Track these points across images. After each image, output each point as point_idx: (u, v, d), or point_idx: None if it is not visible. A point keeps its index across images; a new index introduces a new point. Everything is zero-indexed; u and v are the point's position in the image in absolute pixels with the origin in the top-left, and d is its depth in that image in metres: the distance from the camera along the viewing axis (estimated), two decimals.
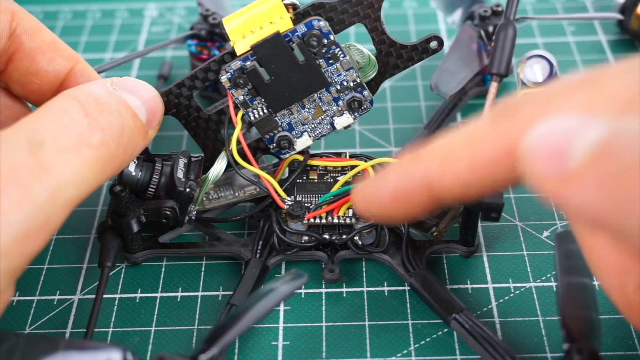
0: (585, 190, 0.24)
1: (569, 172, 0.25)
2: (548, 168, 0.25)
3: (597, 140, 0.24)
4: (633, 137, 0.24)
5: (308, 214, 0.39)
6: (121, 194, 0.38)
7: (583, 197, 0.25)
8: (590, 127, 0.25)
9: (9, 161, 0.29)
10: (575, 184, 0.25)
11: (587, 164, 0.24)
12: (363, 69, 0.39)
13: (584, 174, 0.24)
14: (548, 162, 0.25)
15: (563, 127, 0.25)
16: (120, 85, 0.35)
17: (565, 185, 0.25)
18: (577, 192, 0.25)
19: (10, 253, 0.29)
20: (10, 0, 0.37)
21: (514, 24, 0.39)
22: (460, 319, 0.36)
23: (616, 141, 0.24)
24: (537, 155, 0.26)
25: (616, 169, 0.24)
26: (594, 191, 0.24)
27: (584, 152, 0.24)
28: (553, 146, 0.25)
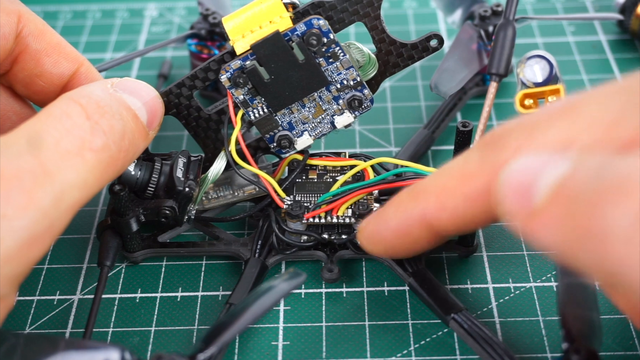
0: (546, 227, 0.25)
1: (532, 210, 0.26)
2: (515, 204, 0.26)
3: (558, 177, 0.25)
4: (590, 174, 0.24)
5: (307, 213, 0.39)
6: (120, 193, 0.38)
7: (546, 234, 0.25)
8: (555, 163, 0.25)
9: (13, 166, 0.29)
10: (538, 221, 0.25)
11: (548, 200, 0.25)
12: (363, 68, 0.39)
13: (545, 210, 0.25)
14: (515, 199, 0.26)
15: (531, 164, 0.26)
16: (120, 87, 0.35)
17: (531, 222, 0.26)
18: (541, 228, 0.25)
19: (14, 259, 0.29)
20: (17, 1, 0.37)
21: (514, 24, 0.39)
22: (459, 318, 0.36)
23: (574, 178, 0.25)
24: (507, 192, 0.27)
25: (573, 206, 0.24)
26: (554, 228, 0.25)
27: (545, 188, 0.25)
28: (520, 183, 0.26)
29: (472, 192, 0.30)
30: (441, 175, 0.32)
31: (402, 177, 0.40)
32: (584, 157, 0.25)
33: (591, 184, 0.24)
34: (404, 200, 0.33)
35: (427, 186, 0.32)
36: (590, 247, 0.24)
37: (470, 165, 0.30)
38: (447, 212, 0.31)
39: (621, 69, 0.53)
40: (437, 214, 0.31)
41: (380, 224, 0.34)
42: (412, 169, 0.40)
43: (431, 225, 0.32)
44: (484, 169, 0.29)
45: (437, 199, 0.31)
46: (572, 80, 0.52)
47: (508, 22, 0.38)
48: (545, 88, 0.37)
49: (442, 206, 0.31)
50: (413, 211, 0.32)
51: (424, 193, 0.32)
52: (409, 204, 0.33)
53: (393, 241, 0.34)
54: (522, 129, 0.29)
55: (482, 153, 0.30)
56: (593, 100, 0.28)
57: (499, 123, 0.49)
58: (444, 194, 0.31)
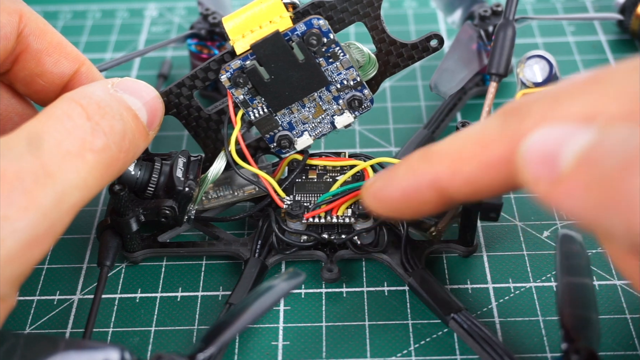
0: (572, 194, 0.25)
1: (558, 177, 0.26)
2: (540, 172, 0.26)
3: (584, 146, 0.25)
4: (617, 143, 0.25)
5: (307, 213, 0.39)
6: (120, 193, 0.38)
7: (571, 201, 0.25)
8: (581, 133, 0.26)
9: (13, 167, 0.29)
10: (563, 188, 0.26)
11: (574, 168, 0.25)
12: (363, 68, 0.39)
13: (571, 178, 0.25)
14: (540, 167, 0.26)
15: (556, 133, 0.26)
16: (121, 87, 0.35)
17: (555, 189, 0.26)
18: (566, 195, 0.25)
19: (15, 260, 0.29)
20: (19, 0, 0.37)
21: (514, 24, 0.39)
22: (459, 318, 0.36)
23: (601, 147, 0.25)
24: (531, 160, 0.27)
25: (599, 174, 0.24)
26: (580, 195, 0.25)
27: (572, 157, 0.25)
28: (545, 151, 0.26)
29: (490, 160, 0.29)
30: (458, 139, 0.31)
31: None
32: (610, 127, 0.25)
33: (618, 152, 0.24)
34: (416, 161, 0.32)
35: (442, 149, 0.31)
36: (616, 212, 0.24)
37: (490, 132, 0.30)
38: (461, 178, 0.30)
39: None
40: (450, 178, 0.31)
41: (388, 183, 0.33)
42: None
43: (442, 190, 0.31)
44: (504, 137, 0.29)
45: (451, 164, 0.31)
46: None
47: (508, 22, 0.39)
48: (545, 88, 0.37)
49: (456, 171, 0.30)
50: (425, 173, 0.31)
51: (438, 156, 0.31)
52: (421, 166, 0.32)
53: (400, 202, 0.33)
54: (546, 99, 0.29)
55: (503, 121, 0.30)
56: (619, 73, 0.28)
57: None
58: (459, 159, 0.30)
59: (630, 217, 0.24)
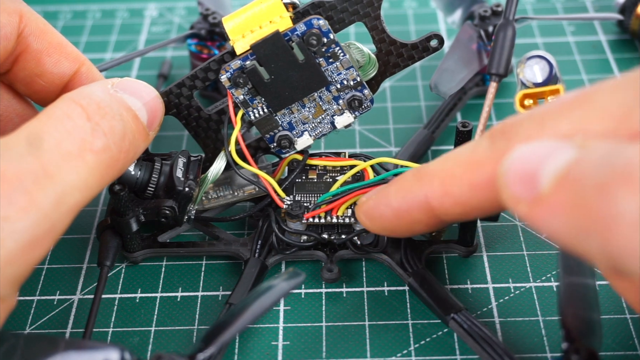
0: (552, 214, 0.25)
1: (537, 197, 0.25)
2: (519, 192, 0.26)
3: (563, 165, 0.25)
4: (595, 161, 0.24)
5: (307, 213, 0.39)
6: (120, 193, 0.38)
7: (550, 223, 0.25)
8: (560, 151, 0.25)
9: (14, 167, 0.29)
10: (542, 209, 0.25)
11: (552, 189, 0.25)
12: (363, 68, 0.39)
13: (550, 199, 0.25)
14: (519, 186, 0.26)
15: (536, 151, 0.26)
16: (121, 87, 0.35)
17: (534, 210, 0.25)
18: (545, 217, 0.25)
19: (16, 261, 0.29)
20: (19, 0, 0.37)
21: (514, 24, 0.39)
22: (459, 318, 0.36)
23: (580, 165, 0.24)
24: (511, 177, 0.26)
25: (577, 195, 0.24)
26: (558, 216, 0.25)
27: (551, 176, 0.25)
28: (524, 170, 0.26)
29: (479, 181, 0.30)
30: (448, 160, 0.32)
31: None
32: (591, 144, 0.25)
33: (598, 170, 0.24)
34: (408, 181, 0.33)
35: (432, 170, 0.32)
36: (596, 234, 0.23)
37: (479, 153, 0.30)
38: (451, 199, 0.31)
39: (621, 69, 0.53)
40: (440, 199, 0.31)
41: (381, 201, 0.34)
42: None
43: (433, 210, 0.32)
44: (492, 158, 0.29)
45: (442, 185, 0.31)
46: (572, 80, 0.52)
47: (508, 22, 0.38)
48: (545, 88, 0.37)
49: (446, 192, 0.31)
50: (416, 194, 0.32)
51: (429, 177, 0.32)
52: (413, 186, 0.32)
53: (392, 220, 0.34)
54: (533, 119, 0.29)
55: (491, 141, 0.30)
56: (605, 91, 0.28)
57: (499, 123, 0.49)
58: (449, 180, 0.31)
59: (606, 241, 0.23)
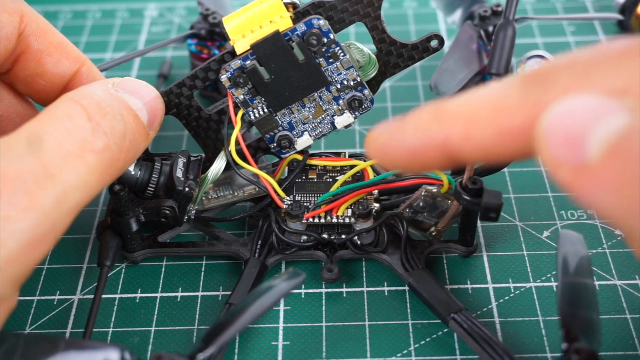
0: (599, 189, 0.23)
1: (583, 165, 0.23)
2: (562, 155, 0.24)
3: (616, 133, 0.22)
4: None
5: (307, 213, 0.39)
6: (120, 193, 0.38)
7: (598, 196, 0.23)
8: (612, 114, 0.23)
9: (14, 168, 0.29)
10: (589, 180, 0.23)
11: (602, 159, 0.23)
12: (363, 68, 0.39)
13: (599, 170, 0.23)
14: (563, 149, 0.23)
15: (584, 108, 0.23)
16: (121, 87, 0.35)
17: (579, 179, 0.23)
18: (592, 188, 0.23)
19: (16, 261, 0.29)
20: (20, 0, 0.37)
21: (514, 24, 0.39)
22: (459, 318, 0.36)
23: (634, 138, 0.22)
24: (553, 140, 0.24)
25: (631, 171, 0.22)
26: (608, 191, 0.23)
27: (600, 144, 0.23)
28: (570, 130, 0.23)
29: (507, 129, 0.27)
30: (473, 100, 0.28)
31: (402, 177, 0.40)
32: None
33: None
34: (426, 119, 0.30)
35: (455, 109, 0.29)
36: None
37: (510, 98, 0.27)
38: (473, 143, 0.28)
39: None
40: (461, 142, 0.28)
41: (395, 139, 0.31)
42: None
43: (452, 151, 0.29)
44: (524, 105, 0.26)
45: (464, 127, 0.28)
46: None
47: (508, 22, 0.38)
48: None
49: (469, 135, 0.28)
50: (435, 134, 0.29)
51: (450, 117, 0.29)
52: (432, 125, 0.29)
53: (406, 158, 0.31)
54: (575, 68, 0.26)
55: (524, 87, 0.27)
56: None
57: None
58: (473, 123, 0.28)
59: None
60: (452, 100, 0.29)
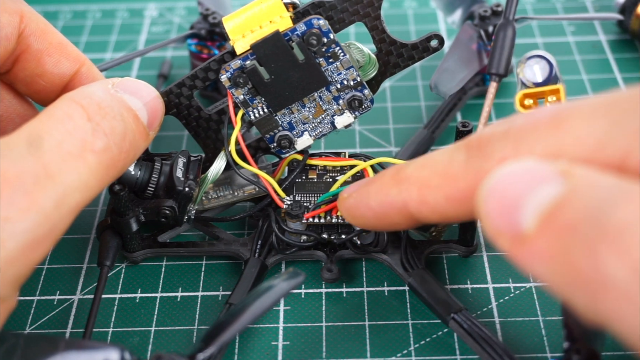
0: (535, 260, 0.23)
1: (520, 234, 0.24)
2: (500, 224, 0.24)
3: (550, 201, 0.23)
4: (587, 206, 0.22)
5: (307, 213, 0.39)
6: (120, 193, 0.38)
7: (534, 266, 0.24)
8: (546, 180, 0.24)
9: (14, 168, 0.29)
10: (526, 250, 0.24)
11: (537, 229, 0.23)
12: (363, 68, 0.39)
13: (534, 241, 0.23)
14: (500, 218, 0.24)
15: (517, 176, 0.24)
16: (121, 87, 0.35)
17: (517, 248, 0.24)
18: (529, 259, 0.24)
19: (16, 262, 0.29)
20: (20, 0, 0.37)
21: (514, 24, 0.39)
22: (459, 318, 0.36)
23: (570, 206, 0.23)
24: (491, 208, 0.25)
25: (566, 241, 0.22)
26: (542, 261, 0.23)
27: (535, 213, 0.23)
28: (505, 201, 0.24)
29: (454, 194, 0.29)
30: (425, 168, 0.31)
31: None
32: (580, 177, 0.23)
33: (588, 220, 0.22)
34: (386, 183, 0.33)
35: (410, 175, 0.31)
36: (583, 292, 0.22)
37: (455, 166, 0.29)
38: (428, 207, 0.30)
39: (621, 69, 0.53)
40: (418, 206, 0.31)
41: (361, 201, 0.34)
42: None
43: (411, 214, 0.31)
44: (467, 174, 0.28)
45: (419, 193, 0.31)
46: (572, 80, 0.52)
47: (508, 22, 0.38)
48: (545, 88, 0.37)
49: (423, 201, 0.31)
50: (395, 198, 0.32)
51: (407, 182, 0.31)
52: (391, 190, 0.32)
53: (372, 219, 0.34)
54: (509, 137, 0.27)
55: (467, 155, 0.29)
56: (580, 114, 0.26)
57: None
58: (426, 189, 0.30)
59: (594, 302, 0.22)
60: (409, 165, 0.32)
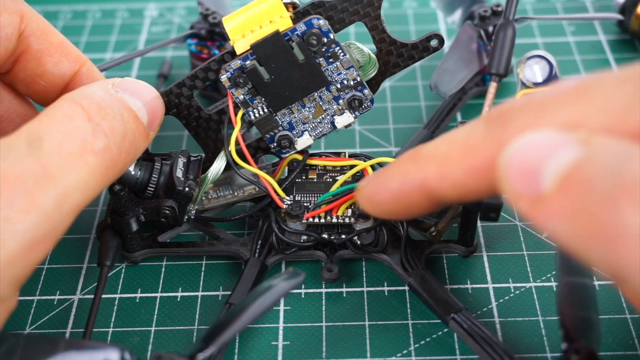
0: (553, 218, 0.24)
1: (539, 196, 0.24)
2: (520, 188, 0.25)
3: (569, 164, 0.24)
4: (604, 164, 0.23)
5: (307, 213, 0.39)
6: (120, 193, 0.38)
7: (552, 225, 0.24)
8: (565, 147, 0.24)
9: (14, 168, 0.29)
10: (544, 210, 0.24)
11: (556, 189, 0.24)
12: (363, 68, 0.39)
13: (553, 201, 0.24)
14: (520, 181, 0.25)
15: (539, 143, 0.25)
16: (121, 87, 0.35)
17: (536, 209, 0.25)
18: (547, 218, 0.24)
19: (17, 262, 0.29)
20: (21, 0, 0.37)
21: (514, 24, 0.39)
22: (459, 318, 0.36)
23: (587, 167, 0.24)
24: (511, 173, 0.25)
25: (582, 201, 0.23)
26: (560, 220, 0.24)
27: (554, 175, 0.24)
28: (526, 164, 0.25)
29: (475, 166, 0.29)
30: (444, 143, 0.31)
31: None
32: (599, 143, 0.24)
33: (606, 177, 0.23)
34: (405, 163, 0.32)
35: (429, 152, 0.31)
36: (601, 244, 0.23)
37: (475, 137, 0.29)
38: (448, 182, 0.30)
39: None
40: (437, 182, 0.31)
41: (379, 185, 0.34)
42: None
43: (431, 192, 0.31)
44: (488, 143, 0.29)
45: (438, 168, 0.31)
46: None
47: (508, 22, 0.38)
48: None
49: (443, 175, 0.30)
50: (413, 176, 0.32)
51: (425, 159, 0.31)
52: (410, 168, 0.32)
53: (391, 203, 0.33)
54: (531, 107, 0.28)
55: (488, 126, 0.29)
56: (604, 85, 0.27)
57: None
58: (445, 163, 0.30)
59: (610, 253, 0.23)
60: (427, 145, 0.32)
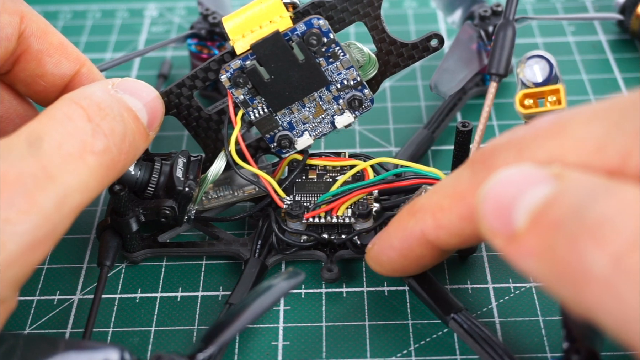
0: (526, 257, 0.24)
1: (512, 233, 0.25)
2: (495, 225, 0.25)
3: (540, 201, 0.24)
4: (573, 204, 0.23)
5: (307, 213, 0.39)
6: (120, 193, 0.38)
7: (525, 263, 0.25)
8: (539, 182, 0.25)
9: (14, 169, 0.29)
10: (517, 248, 0.25)
11: (527, 228, 0.24)
12: (363, 68, 0.39)
13: (525, 239, 0.24)
14: (495, 219, 0.25)
15: (513, 178, 0.25)
16: (121, 87, 0.35)
17: (510, 247, 0.25)
18: (520, 255, 0.25)
19: (17, 263, 0.29)
20: (20, 0, 0.37)
21: (514, 24, 0.39)
22: (459, 318, 0.36)
23: (556, 205, 0.24)
24: (487, 209, 0.26)
25: (552, 237, 0.23)
26: (534, 258, 0.24)
27: (526, 213, 0.24)
28: (500, 201, 0.25)
29: (466, 211, 0.30)
30: (436, 193, 0.32)
31: (402, 177, 0.40)
32: (570, 179, 0.24)
33: (572, 216, 0.23)
34: (403, 218, 0.34)
35: (423, 204, 0.32)
36: (569, 284, 0.23)
37: (462, 183, 0.30)
38: (445, 231, 0.31)
39: (621, 69, 0.53)
40: (435, 232, 0.32)
41: (383, 243, 0.35)
42: (412, 169, 0.40)
43: (432, 243, 0.32)
44: (473, 188, 0.29)
45: (433, 218, 0.32)
46: (572, 80, 0.52)
47: (508, 22, 0.38)
48: (545, 88, 0.37)
49: (439, 225, 0.31)
50: (412, 229, 0.33)
51: (421, 212, 0.32)
52: (408, 223, 0.33)
53: (399, 260, 0.34)
54: (511, 147, 0.28)
55: (473, 171, 0.30)
56: (579, 121, 0.27)
57: (499, 123, 0.49)
58: (439, 213, 0.31)
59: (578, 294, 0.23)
60: (421, 197, 0.33)
